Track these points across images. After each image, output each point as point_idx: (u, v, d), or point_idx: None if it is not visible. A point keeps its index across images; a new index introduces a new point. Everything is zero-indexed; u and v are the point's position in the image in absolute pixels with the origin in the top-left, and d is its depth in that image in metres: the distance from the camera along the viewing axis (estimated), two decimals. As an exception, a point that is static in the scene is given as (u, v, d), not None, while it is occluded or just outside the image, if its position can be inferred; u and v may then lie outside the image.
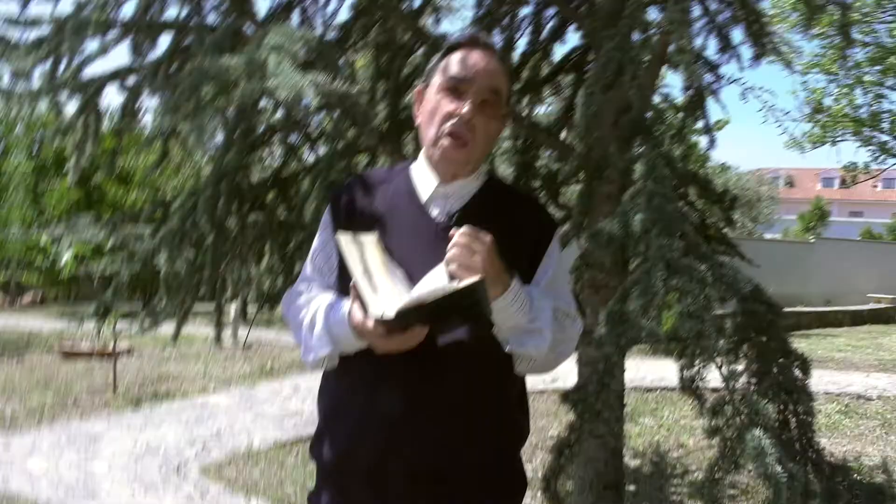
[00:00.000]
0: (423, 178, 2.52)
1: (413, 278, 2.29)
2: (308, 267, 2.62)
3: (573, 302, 2.57)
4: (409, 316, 2.09)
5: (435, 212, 2.46)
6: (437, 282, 2.16)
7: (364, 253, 2.29)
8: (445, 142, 2.39)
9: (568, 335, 2.47)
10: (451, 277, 2.16)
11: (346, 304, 2.30)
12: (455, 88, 2.41)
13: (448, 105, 2.40)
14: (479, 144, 2.42)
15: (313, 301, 2.47)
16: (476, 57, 2.44)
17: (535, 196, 5.41)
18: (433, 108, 2.44)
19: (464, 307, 2.11)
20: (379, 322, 2.12)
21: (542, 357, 2.36)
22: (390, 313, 2.09)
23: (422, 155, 2.56)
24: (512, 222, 2.47)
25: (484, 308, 2.13)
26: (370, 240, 2.35)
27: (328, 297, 2.44)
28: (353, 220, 2.48)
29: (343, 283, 2.41)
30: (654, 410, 9.86)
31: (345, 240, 2.31)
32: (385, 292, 2.20)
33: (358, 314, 2.20)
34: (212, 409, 9.48)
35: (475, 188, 2.52)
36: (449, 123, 2.38)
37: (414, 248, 2.40)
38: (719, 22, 4.72)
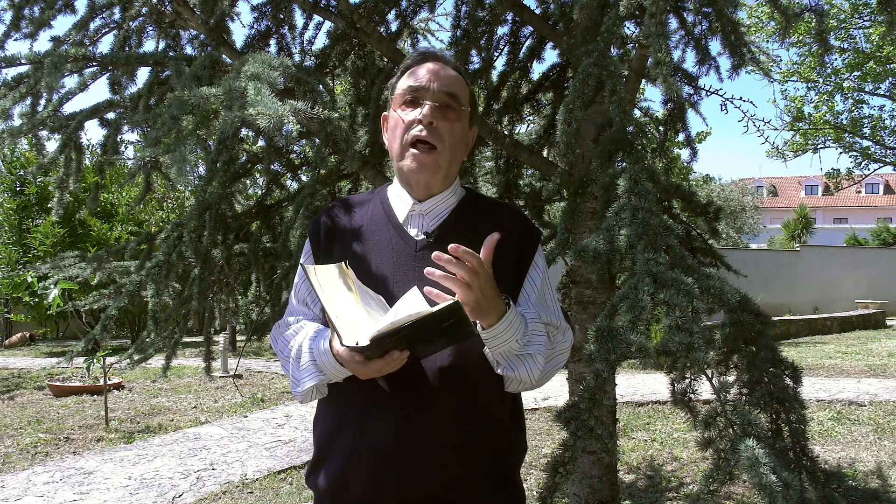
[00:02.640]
0: (399, 198, 2.53)
1: (392, 299, 2.29)
2: (293, 299, 2.63)
3: (561, 312, 2.57)
4: (384, 342, 2.07)
5: (412, 231, 2.48)
6: (412, 305, 2.13)
7: (333, 282, 2.28)
8: (413, 150, 2.41)
9: (559, 349, 2.47)
10: (428, 300, 2.15)
11: (329, 334, 2.29)
12: (413, 99, 2.45)
13: (409, 115, 2.43)
14: (446, 147, 2.43)
15: (299, 333, 2.46)
16: (429, 66, 2.49)
17: (514, 205, 5.42)
18: (395, 122, 2.48)
19: (442, 329, 2.08)
20: (355, 350, 2.10)
21: (533, 379, 2.36)
22: (364, 341, 2.07)
23: (396, 176, 2.58)
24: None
25: (465, 329, 2.10)
26: (338, 268, 2.34)
27: (313, 327, 2.44)
28: (333, 244, 2.50)
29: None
30: (647, 424, 9.85)
31: (311, 271, 2.29)
32: (358, 319, 2.18)
33: (338, 343, 2.19)
34: (204, 440, 9.43)
35: (452, 204, 2.52)
36: (412, 131, 2.40)
37: (392, 268, 2.41)
38: (697, 34, 4.74)
